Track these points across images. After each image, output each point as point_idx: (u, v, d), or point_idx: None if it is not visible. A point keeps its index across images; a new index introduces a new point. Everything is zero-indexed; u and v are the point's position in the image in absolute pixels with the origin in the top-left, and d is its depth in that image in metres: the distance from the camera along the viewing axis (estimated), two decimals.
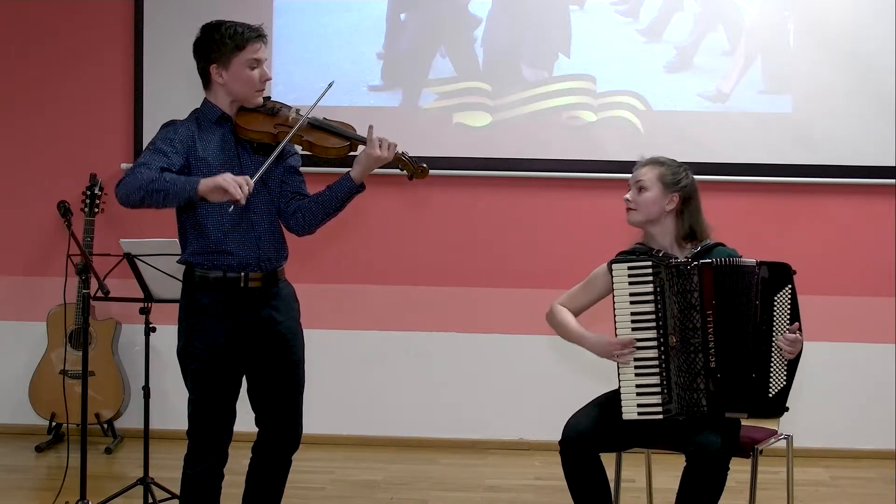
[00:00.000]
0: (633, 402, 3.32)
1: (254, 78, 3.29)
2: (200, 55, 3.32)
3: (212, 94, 3.34)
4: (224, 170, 3.23)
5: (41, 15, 5.34)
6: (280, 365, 3.37)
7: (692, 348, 3.28)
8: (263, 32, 3.32)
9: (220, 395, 3.32)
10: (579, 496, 3.36)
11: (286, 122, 3.31)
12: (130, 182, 3.14)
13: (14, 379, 5.30)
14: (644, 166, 3.50)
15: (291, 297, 3.45)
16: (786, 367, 3.29)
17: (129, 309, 4.55)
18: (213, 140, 3.29)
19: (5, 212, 5.40)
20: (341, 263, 5.29)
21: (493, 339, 5.30)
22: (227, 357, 3.30)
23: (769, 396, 3.28)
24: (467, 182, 5.25)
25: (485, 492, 4.66)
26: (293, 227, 3.44)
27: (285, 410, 3.41)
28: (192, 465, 3.36)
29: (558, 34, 5.18)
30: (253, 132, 3.31)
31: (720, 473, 3.23)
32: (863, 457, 5.14)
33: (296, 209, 3.40)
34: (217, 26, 3.29)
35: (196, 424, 3.34)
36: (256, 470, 3.46)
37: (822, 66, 5.09)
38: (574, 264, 5.11)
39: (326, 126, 3.35)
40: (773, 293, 3.28)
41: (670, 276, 3.30)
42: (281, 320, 3.36)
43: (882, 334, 5.16)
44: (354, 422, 5.30)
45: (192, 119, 3.34)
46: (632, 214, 3.49)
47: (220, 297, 3.28)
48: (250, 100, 3.33)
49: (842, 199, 5.18)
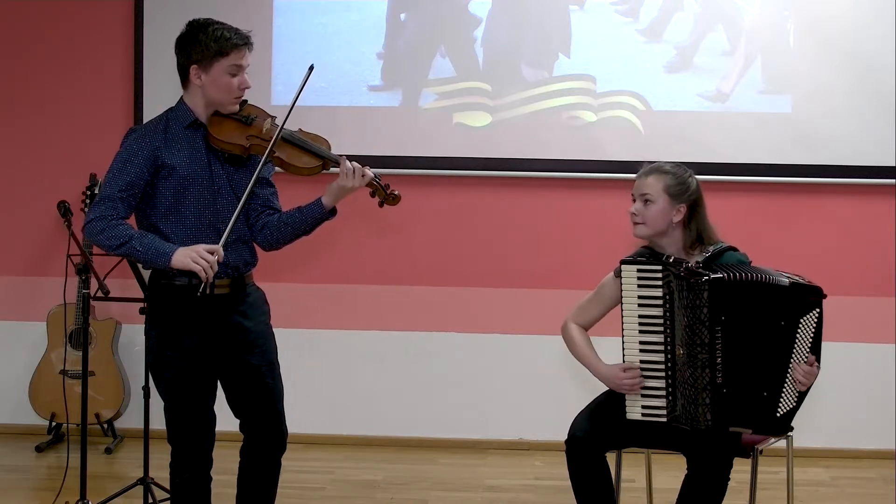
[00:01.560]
0: (637, 404, 3.29)
1: (233, 85, 3.22)
2: (182, 52, 3.25)
3: (188, 94, 3.28)
4: (193, 181, 3.20)
5: (41, 15, 5.34)
6: (254, 371, 3.33)
7: (699, 363, 3.18)
8: (250, 40, 3.25)
9: (196, 401, 3.30)
10: (583, 496, 3.35)
11: (259, 133, 3.24)
12: (98, 239, 3.14)
13: (14, 379, 5.30)
14: (648, 176, 3.38)
15: (261, 301, 3.40)
16: (797, 391, 3.24)
17: (129, 309, 4.55)
18: (183, 147, 3.23)
19: (5, 212, 5.40)
20: (341, 263, 5.29)
21: (493, 339, 5.30)
22: (200, 363, 3.27)
23: (776, 416, 3.22)
24: (467, 182, 5.24)
25: (485, 492, 4.66)
26: (260, 242, 3.39)
27: (266, 415, 3.37)
28: (178, 473, 3.36)
29: (558, 34, 5.18)
30: (225, 143, 3.24)
31: (722, 479, 3.22)
32: (863, 457, 5.14)
33: (264, 225, 3.35)
34: (204, 26, 3.22)
35: (175, 432, 3.33)
36: (246, 473, 3.44)
37: (822, 66, 5.09)
38: (574, 264, 5.14)
39: (300, 142, 3.27)
40: (800, 315, 3.20)
41: (680, 287, 3.19)
42: (249, 326, 3.32)
43: (882, 334, 5.16)
44: (354, 422, 5.29)
45: (161, 122, 3.26)
46: (639, 228, 3.38)
47: (187, 305, 3.23)
48: (226, 106, 3.26)
49: (842, 199, 5.18)
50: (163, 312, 3.28)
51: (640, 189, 3.38)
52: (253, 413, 3.37)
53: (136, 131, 3.27)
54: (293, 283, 5.16)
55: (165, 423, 3.34)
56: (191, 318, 3.24)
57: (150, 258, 3.12)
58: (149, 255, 3.11)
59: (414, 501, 4.52)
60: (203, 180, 3.23)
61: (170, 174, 3.20)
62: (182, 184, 3.21)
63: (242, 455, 3.44)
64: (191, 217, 3.22)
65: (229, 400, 3.39)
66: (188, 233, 3.22)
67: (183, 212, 3.22)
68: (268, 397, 3.37)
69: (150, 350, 3.32)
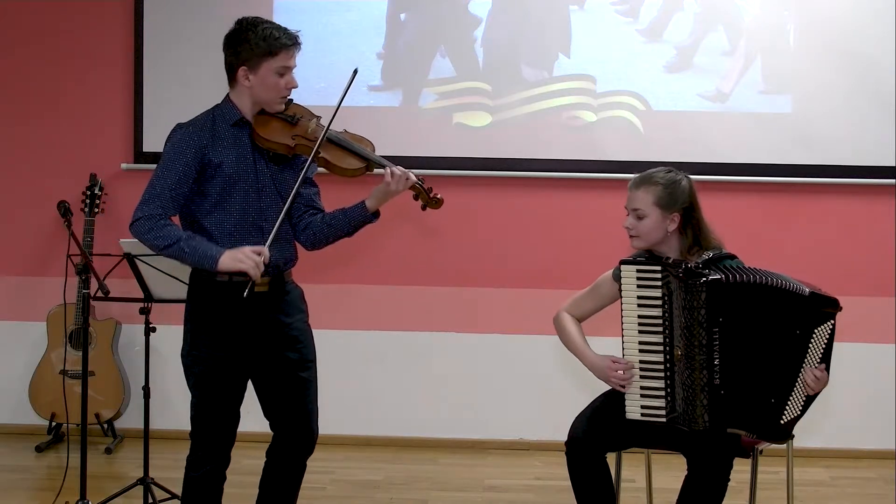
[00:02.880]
0: (636, 403, 3.29)
1: (280, 85, 3.23)
2: (231, 50, 3.24)
3: (235, 93, 3.28)
4: (238, 179, 3.21)
5: (41, 15, 5.34)
6: (292, 366, 3.33)
7: (696, 364, 3.17)
8: (299, 39, 3.26)
9: (224, 399, 3.30)
10: (584, 498, 3.35)
11: (305, 133, 3.26)
12: (146, 238, 3.14)
13: (14, 379, 5.30)
14: (638, 189, 3.35)
15: (299, 300, 3.41)
16: (804, 399, 3.23)
17: (129, 309, 4.55)
18: (229, 146, 3.24)
19: (5, 212, 5.40)
20: (342, 263, 5.29)
21: (493, 339, 5.30)
22: (233, 362, 3.27)
23: (780, 423, 3.22)
24: (467, 182, 5.24)
25: (485, 492, 4.66)
26: (303, 242, 3.41)
27: (300, 412, 3.36)
28: (194, 468, 3.35)
29: (558, 34, 5.18)
30: (270, 142, 3.25)
31: (722, 479, 3.22)
32: (863, 457, 5.14)
33: (307, 225, 3.37)
34: (254, 25, 3.21)
35: (199, 428, 3.32)
36: (271, 474, 3.41)
37: (822, 66, 5.09)
38: (574, 264, 5.14)
39: (345, 143, 3.29)
40: (815, 325, 3.19)
41: (679, 288, 3.19)
42: (289, 322, 3.33)
43: (882, 334, 5.16)
44: (354, 422, 5.30)
45: (207, 119, 3.27)
46: (635, 241, 3.37)
47: (227, 302, 3.23)
48: (272, 106, 3.27)
49: (842, 199, 5.18)
50: (201, 308, 3.28)
51: (632, 204, 3.36)
52: (285, 409, 3.35)
53: (184, 128, 3.26)
54: None
55: (190, 418, 3.33)
56: (230, 315, 3.24)
57: (197, 260, 3.13)
58: (196, 258, 3.12)
59: (414, 501, 4.52)
60: (248, 178, 3.24)
61: (216, 172, 3.21)
62: (227, 182, 3.21)
63: (269, 455, 3.42)
64: (235, 215, 3.23)
65: (261, 398, 3.38)
66: (232, 230, 3.23)
67: (228, 209, 3.23)
68: (301, 392, 3.35)
69: (185, 344, 3.31)
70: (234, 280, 3.18)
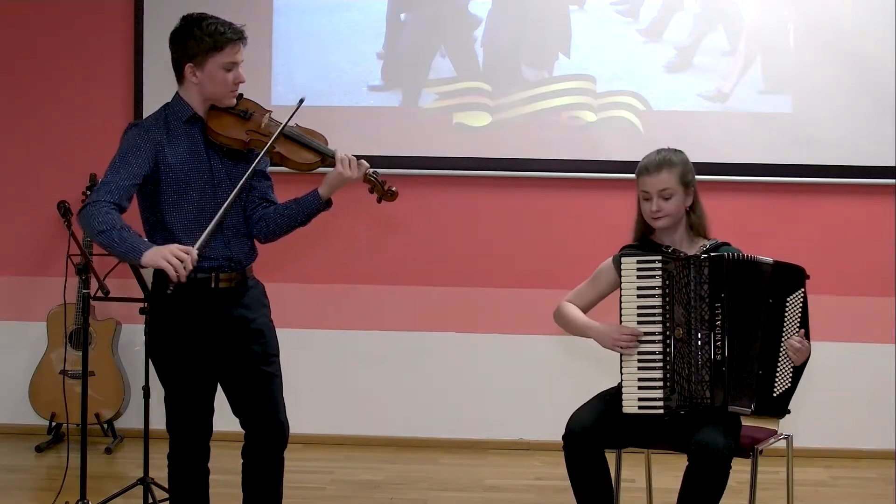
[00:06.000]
0: (634, 396, 3.32)
1: (228, 80, 3.23)
2: (177, 47, 3.25)
3: (184, 90, 3.29)
4: (193, 176, 3.22)
5: (41, 15, 5.34)
6: (256, 360, 3.33)
7: (699, 340, 3.27)
8: (244, 34, 3.26)
9: (195, 392, 3.33)
10: (582, 492, 3.35)
11: (258, 128, 3.26)
12: (87, 221, 3.10)
13: (14, 379, 5.30)
14: (661, 171, 3.42)
15: (261, 295, 3.42)
16: (792, 370, 3.30)
17: (129, 309, 4.54)
18: (182, 144, 3.24)
19: (5, 212, 5.40)
20: (341, 263, 5.29)
21: (493, 339, 5.30)
22: (201, 355, 3.29)
23: (773, 396, 3.29)
24: (467, 182, 5.24)
25: (485, 492, 4.66)
26: (256, 234, 3.41)
27: (268, 406, 3.35)
28: (175, 462, 3.39)
29: (558, 34, 5.18)
30: (225, 138, 3.25)
31: (722, 472, 3.22)
32: (863, 457, 5.14)
33: (261, 217, 3.37)
34: (198, 21, 3.21)
35: (174, 422, 3.36)
36: (250, 474, 3.41)
37: (822, 66, 5.09)
38: (574, 264, 5.12)
39: (299, 138, 3.29)
40: (787, 294, 3.29)
41: (679, 268, 3.29)
42: (253, 317, 3.34)
43: (882, 334, 5.15)
44: (354, 422, 5.29)
45: (160, 118, 3.27)
46: (663, 221, 3.43)
47: (190, 298, 3.24)
48: (223, 101, 3.27)
49: (842, 199, 5.18)
50: (165, 305, 3.29)
51: (658, 186, 3.42)
52: (252, 403, 3.35)
53: (138, 126, 3.27)
54: (293, 283, 5.16)
55: (165, 413, 3.36)
56: (193, 310, 3.26)
57: (124, 251, 3.08)
58: (123, 248, 3.08)
59: (414, 501, 4.52)
60: (203, 174, 3.24)
61: (171, 169, 3.21)
62: (183, 178, 3.22)
63: (244, 455, 3.41)
64: (193, 211, 3.23)
65: (229, 396, 3.39)
66: (191, 226, 3.22)
67: (185, 206, 3.23)
68: (266, 386, 3.34)
69: (151, 339, 3.34)
70: (198, 277, 3.21)
